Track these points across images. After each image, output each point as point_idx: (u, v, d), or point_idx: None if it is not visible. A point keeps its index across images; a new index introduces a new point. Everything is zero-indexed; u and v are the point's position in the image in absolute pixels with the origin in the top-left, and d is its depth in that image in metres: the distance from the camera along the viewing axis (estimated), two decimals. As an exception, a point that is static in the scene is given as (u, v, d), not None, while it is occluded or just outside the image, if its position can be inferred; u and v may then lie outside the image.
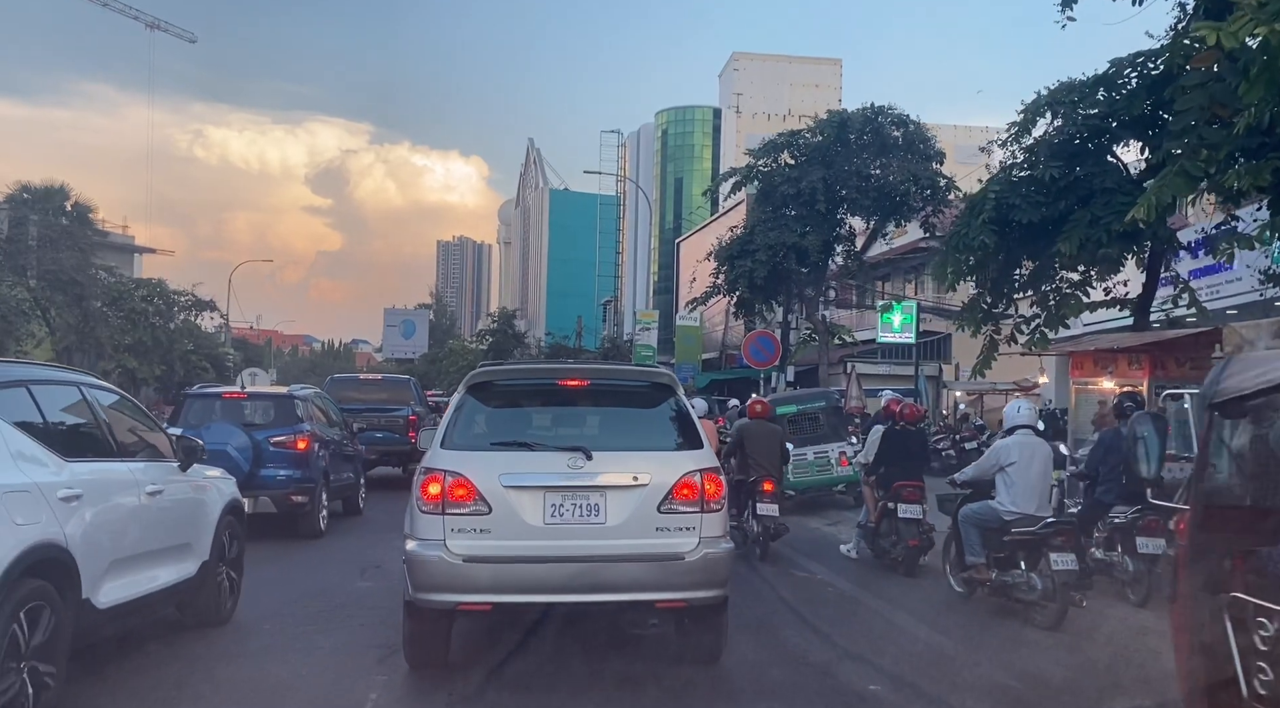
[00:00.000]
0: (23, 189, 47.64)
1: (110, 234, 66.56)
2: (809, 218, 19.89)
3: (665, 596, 5.43)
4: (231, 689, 5.44)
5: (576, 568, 5.29)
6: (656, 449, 5.69)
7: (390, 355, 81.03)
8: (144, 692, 5.24)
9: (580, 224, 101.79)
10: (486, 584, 5.32)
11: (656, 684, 5.51)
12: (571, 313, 70.19)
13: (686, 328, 42.23)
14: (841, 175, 19.66)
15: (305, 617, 7.06)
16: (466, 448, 5.56)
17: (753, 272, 20.00)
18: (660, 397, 6.02)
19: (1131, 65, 9.04)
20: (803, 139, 20.59)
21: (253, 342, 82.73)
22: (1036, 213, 9.01)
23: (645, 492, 5.40)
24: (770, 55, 71.70)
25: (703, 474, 5.48)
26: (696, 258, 27.04)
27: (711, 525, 5.47)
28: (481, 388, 5.95)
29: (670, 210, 74.08)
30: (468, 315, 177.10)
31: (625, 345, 54.86)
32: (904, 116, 19.83)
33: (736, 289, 20.79)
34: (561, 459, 5.42)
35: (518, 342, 61.92)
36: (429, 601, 5.35)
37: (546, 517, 5.34)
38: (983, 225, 9.16)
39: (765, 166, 20.91)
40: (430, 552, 5.27)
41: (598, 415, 6.15)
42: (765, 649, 6.37)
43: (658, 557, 5.35)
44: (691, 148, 75.45)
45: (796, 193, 19.58)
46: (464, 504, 5.29)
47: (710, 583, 5.47)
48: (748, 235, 20.67)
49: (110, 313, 45.88)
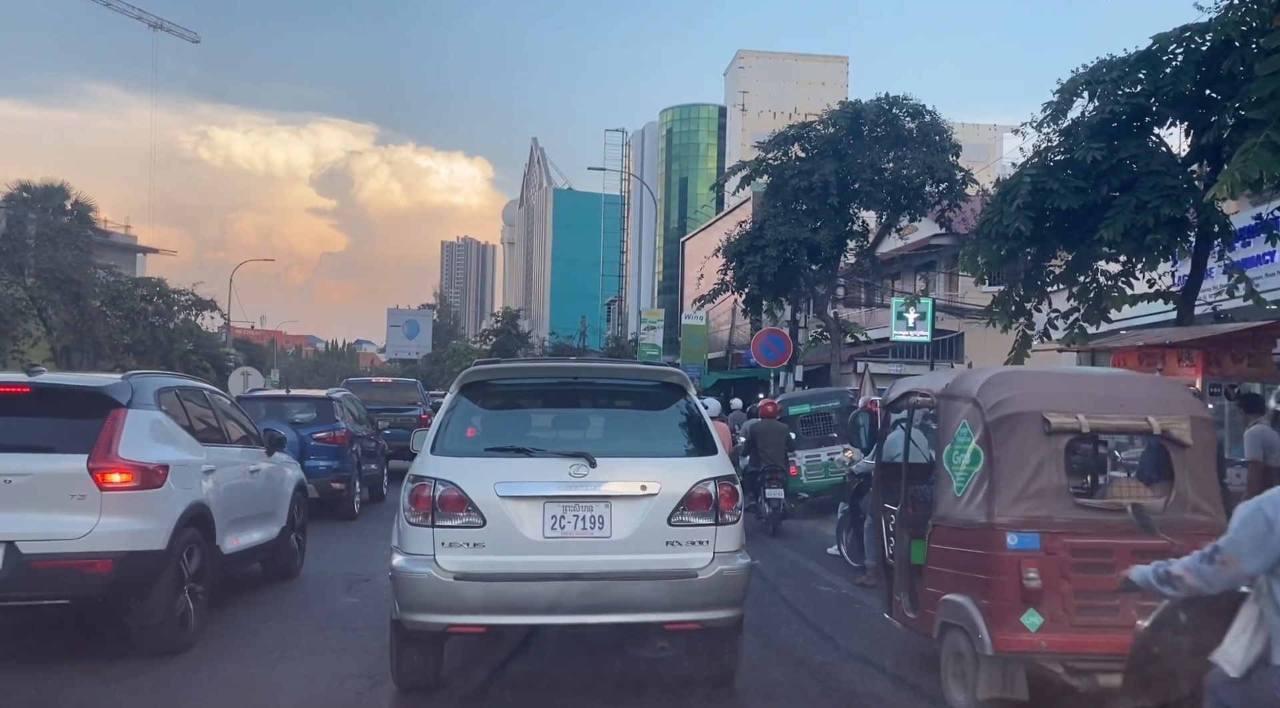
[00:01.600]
0: (22, 188, 47.26)
1: (113, 234, 66.27)
2: (820, 212, 19.22)
3: (676, 617, 4.97)
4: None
5: (579, 586, 4.86)
6: (667, 455, 5.24)
7: (394, 356, 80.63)
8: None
9: (584, 224, 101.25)
10: (480, 604, 4.91)
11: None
12: (575, 313, 69.71)
13: (692, 327, 41.57)
14: (854, 168, 18.99)
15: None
16: (459, 454, 5.12)
17: (762, 267, 19.34)
18: (671, 397, 5.53)
19: (1176, 41, 8.41)
20: (814, 131, 19.94)
21: (255, 342, 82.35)
22: (1076, 198, 8.37)
23: (654, 502, 4.97)
24: (776, 53, 71.10)
25: (717, 483, 5.03)
26: (705, 254, 26.36)
27: (727, 539, 5.02)
28: (476, 388, 5.48)
29: (675, 209, 73.46)
30: (472, 316, 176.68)
31: (630, 345, 54.32)
32: (919, 107, 19.16)
33: (746, 286, 20.15)
34: (563, 466, 4.97)
35: (521, 342, 61.44)
36: (417, 622, 4.93)
37: (546, 530, 4.91)
38: (1017, 211, 8.51)
39: (775, 160, 20.26)
40: (419, 568, 4.85)
41: (602, 418, 5.72)
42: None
43: (668, 574, 4.90)
44: (697, 146, 74.82)
45: (808, 186, 18.89)
46: (456, 515, 4.87)
47: (726, 603, 5.01)
48: (757, 230, 20.03)
49: (109, 312, 45.40)
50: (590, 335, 59.87)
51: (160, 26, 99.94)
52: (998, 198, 8.96)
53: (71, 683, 4.77)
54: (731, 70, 71.22)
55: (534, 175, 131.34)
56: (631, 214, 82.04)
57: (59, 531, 5.56)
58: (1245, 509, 2.95)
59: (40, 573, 5.53)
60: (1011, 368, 8.06)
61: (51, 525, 5.57)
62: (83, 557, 5.58)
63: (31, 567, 5.49)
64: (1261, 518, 2.87)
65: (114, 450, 5.82)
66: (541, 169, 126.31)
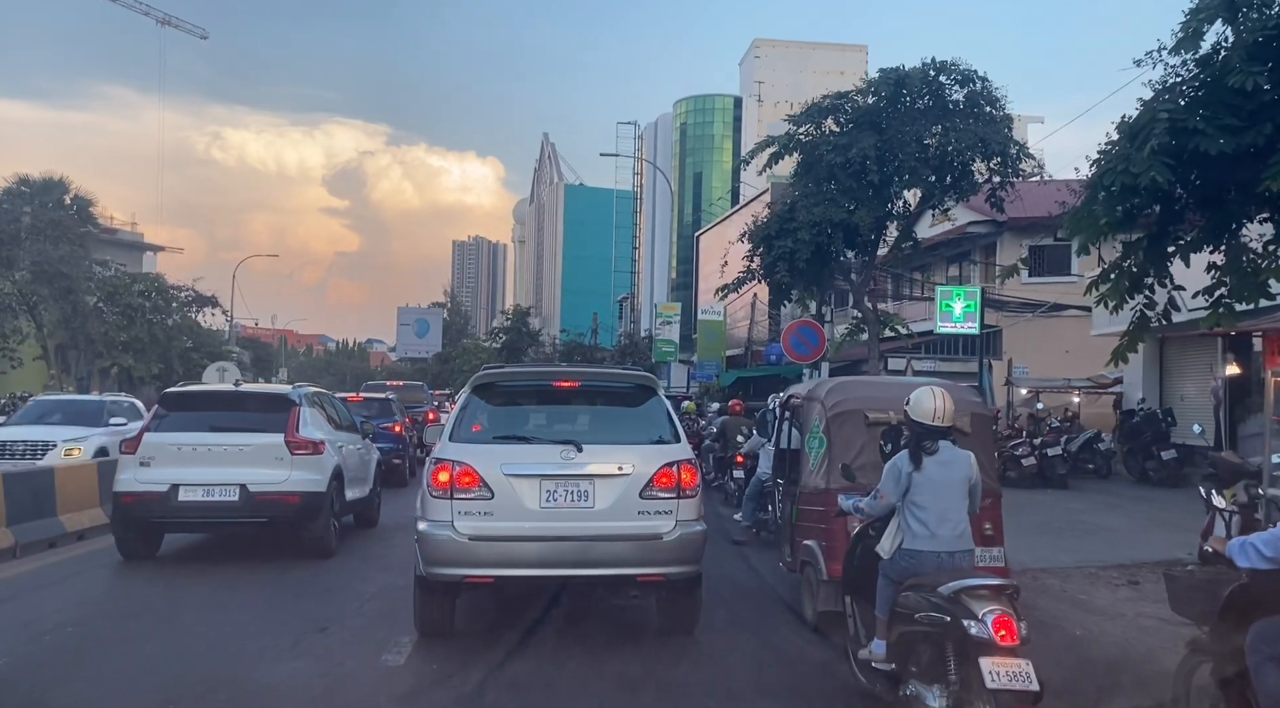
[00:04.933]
0: (21, 182, 45.70)
1: (119, 231, 64.83)
2: (858, 191, 17.32)
3: (646, 571, 6.08)
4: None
5: (568, 546, 5.96)
6: (639, 443, 6.32)
7: (404, 355, 79.17)
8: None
9: (596, 219, 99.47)
10: (490, 560, 5.97)
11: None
12: (587, 310, 68.01)
13: (709, 323, 39.65)
14: (897, 141, 17.10)
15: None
16: (472, 441, 6.26)
17: (794, 253, 17.40)
18: (644, 397, 6.68)
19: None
20: (851, 102, 18.01)
21: (265, 341, 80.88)
22: (1227, 140, 6.52)
23: (629, 480, 6.08)
24: (793, 42, 69.11)
25: (679, 465, 6.16)
26: (724, 244, 24.46)
27: (687, 510, 6.14)
28: (485, 388, 6.66)
29: (690, 203, 71.47)
30: (483, 315, 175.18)
31: (643, 342, 52.44)
32: (969, 72, 17.13)
33: (775, 273, 18.24)
34: (556, 451, 6.12)
35: (532, 340, 59.71)
36: (439, 574, 6.00)
37: (542, 501, 6.01)
38: (1151, 157, 6.64)
39: (807, 135, 18.38)
40: (440, 531, 5.96)
41: (588, 413, 6.77)
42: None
43: (639, 536, 6.02)
44: (711, 138, 72.82)
45: (844, 162, 16.96)
46: (470, 490, 5.96)
47: (686, 560, 6.14)
48: (788, 212, 18.07)
49: (105, 308, 43.83)
50: (602, 333, 58.03)
51: (168, 22, 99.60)
52: (1122, 141, 7.02)
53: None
54: (747, 60, 69.23)
55: (545, 171, 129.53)
56: (644, 208, 80.00)
57: (269, 478, 9.16)
58: (888, 467, 5.18)
59: (259, 502, 9.08)
60: (847, 378, 9.36)
61: (265, 475, 9.16)
62: (282, 493, 9.17)
63: (255, 499, 9.07)
64: (896, 470, 5.08)
65: (296, 431, 9.52)
66: (553, 165, 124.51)
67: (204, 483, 9.02)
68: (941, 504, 4.91)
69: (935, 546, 4.85)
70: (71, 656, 6.10)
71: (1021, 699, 4.04)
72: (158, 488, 8.98)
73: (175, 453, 9.17)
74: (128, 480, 9.17)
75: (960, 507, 4.96)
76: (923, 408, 5.00)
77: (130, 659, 6.04)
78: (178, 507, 8.99)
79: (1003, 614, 4.19)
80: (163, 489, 8.97)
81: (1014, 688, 4.03)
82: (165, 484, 8.98)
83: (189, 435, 9.32)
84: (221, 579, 8.65)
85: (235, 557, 9.62)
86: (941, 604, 4.42)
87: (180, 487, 8.98)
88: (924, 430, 4.99)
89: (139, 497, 9.05)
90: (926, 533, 4.87)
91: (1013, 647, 4.14)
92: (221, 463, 9.14)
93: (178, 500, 8.97)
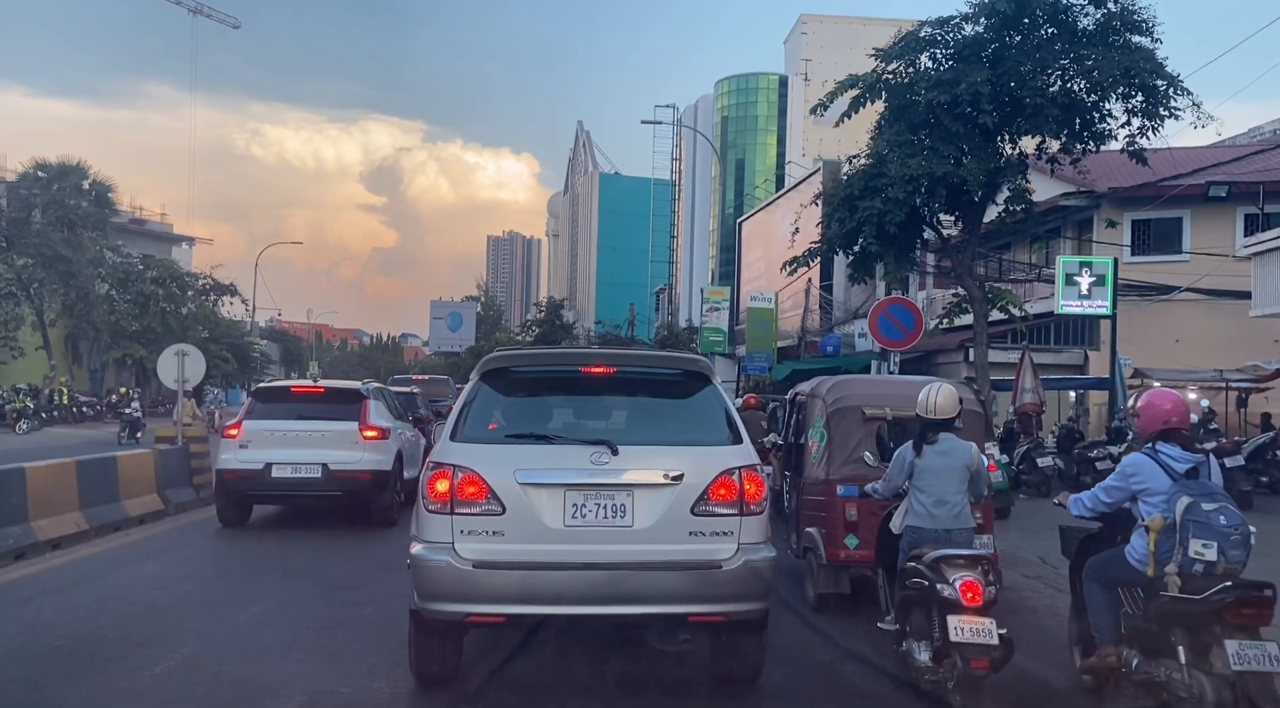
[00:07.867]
0: (38, 166, 43.61)
1: (148, 221, 62.98)
2: (966, 137, 14.08)
3: (700, 609, 4.93)
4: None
5: (600, 576, 4.81)
6: (690, 444, 5.14)
7: (437, 349, 77.13)
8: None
9: (631, 209, 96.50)
10: (499, 593, 4.86)
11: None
12: (622, 302, 65.21)
13: (759, 310, 36.36)
14: (1015, 77, 13.84)
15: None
16: (478, 441, 5.11)
17: (884, 215, 14.17)
18: (695, 386, 5.48)
19: None
20: (954, 35, 14.73)
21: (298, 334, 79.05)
22: None
23: (678, 491, 4.91)
24: (841, 17, 65.60)
25: (742, 472, 4.99)
26: (801, 202, 21.12)
27: (751, 530, 4.98)
28: (496, 375, 5.47)
29: (731, 189, 67.99)
30: (517, 309, 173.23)
31: (684, 333, 49.32)
32: (1106, -12, 13.80)
33: (859, 240, 15.03)
34: (584, 454, 4.94)
35: (566, 332, 57.07)
36: (435, 610, 4.92)
37: (567, 518, 4.88)
38: None
39: (895, 76, 15.15)
40: (437, 556, 4.85)
41: (625, 406, 5.62)
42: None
43: (692, 565, 4.87)
44: (755, 120, 69.17)
45: (951, 101, 13.73)
46: (475, 503, 4.86)
47: (751, 595, 5.00)
48: (875, 167, 14.85)
49: (117, 295, 41.61)
50: (639, 325, 55.04)
51: (200, 12, 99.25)
52: None
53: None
54: (793, 37, 65.85)
55: (579, 160, 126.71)
56: (683, 196, 76.72)
57: (346, 458, 11.10)
58: (895, 455, 5.98)
59: (338, 479, 11.02)
60: (847, 377, 9.24)
61: (342, 456, 11.11)
62: (356, 471, 11.12)
63: (334, 476, 11.01)
64: (901, 458, 5.86)
65: (368, 419, 11.49)
66: (587, 153, 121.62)
67: (293, 462, 10.94)
68: (940, 488, 5.69)
69: (934, 524, 5.62)
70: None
71: (982, 652, 4.79)
72: (254, 466, 10.89)
73: (269, 437, 11.04)
74: (229, 460, 11.09)
75: (958, 491, 5.71)
76: (920, 403, 5.87)
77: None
78: (271, 482, 10.92)
79: (970, 580, 5.00)
80: (259, 467, 10.88)
81: (975, 642, 4.81)
82: (261, 463, 10.89)
83: (279, 423, 11.18)
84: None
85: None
86: (923, 571, 5.21)
87: (273, 465, 10.90)
88: (924, 423, 5.83)
89: (239, 473, 10.99)
90: (926, 513, 5.67)
91: (977, 607, 4.92)
92: (306, 446, 11.02)
93: (271, 476, 10.89)
